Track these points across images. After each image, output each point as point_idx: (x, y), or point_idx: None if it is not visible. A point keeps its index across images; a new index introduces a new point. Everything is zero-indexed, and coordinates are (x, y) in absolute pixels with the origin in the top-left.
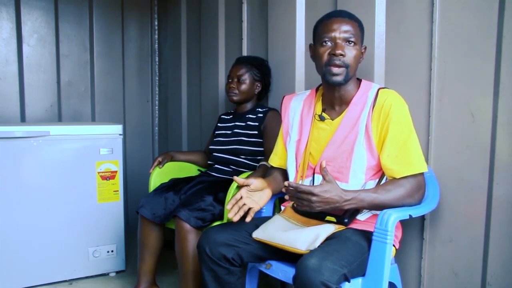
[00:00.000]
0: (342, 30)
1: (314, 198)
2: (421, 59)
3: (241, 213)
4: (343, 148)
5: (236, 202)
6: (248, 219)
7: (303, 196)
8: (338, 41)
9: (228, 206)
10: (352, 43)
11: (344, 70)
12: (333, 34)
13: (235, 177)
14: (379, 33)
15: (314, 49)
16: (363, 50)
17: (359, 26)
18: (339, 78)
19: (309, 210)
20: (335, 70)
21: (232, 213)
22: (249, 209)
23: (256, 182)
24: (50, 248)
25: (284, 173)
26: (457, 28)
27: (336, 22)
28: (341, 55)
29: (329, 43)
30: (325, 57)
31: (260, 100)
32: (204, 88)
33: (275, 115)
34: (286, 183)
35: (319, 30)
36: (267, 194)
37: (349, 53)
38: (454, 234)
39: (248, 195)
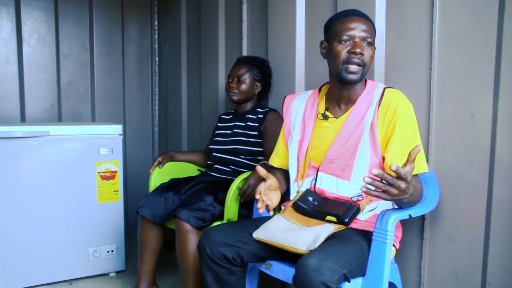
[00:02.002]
0: (361, 29)
1: (403, 186)
2: (421, 59)
3: (264, 207)
4: (347, 146)
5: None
6: (271, 213)
7: (395, 183)
8: (357, 40)
9: (256, 196)
10: (369, 44)
11: (361, 69)
12: (352, 33)
13: (258, 166)
14: (379, 33)
15: (327, 46)
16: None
17: (373, 27)
18: (355, 77)
19: (386, 198)
20: (353, 68)
21: (260, 204)
22: (267, 205)
23: (273, 181)
24: (50, 248)
25: (285, 174)
26: (457, 28)
27: (355, 21)
28: (361, 54)
29: (348, 41)
30: (344, 54)
31: (260, 100)
32: (204, 88)
33: (275, 116)
34: (393, 166)
35: (337, 27)
36: (278, 195)
37: (367, 53)
38: (454, 234)
39: (265, 192)
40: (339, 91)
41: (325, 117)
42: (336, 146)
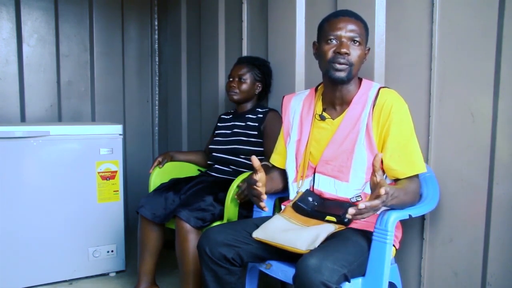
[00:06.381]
0: (348, 29)
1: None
2: (421, 59)
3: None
4: (343, 147)
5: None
6: (265, 209)
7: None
8: (344, 40)
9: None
10: (357, 43)
11: (348, 67)
12: (339, 33)
13: (253, 157)
14: (379, 33)
15: (318, 47)
16: (366, 51)
17: (365, 27)
18: (342, 74)
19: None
20: (339, 66)
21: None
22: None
23: (262, 176)
24: (50, 248)
25: (283, 173)
26: (457, 28)
27: (343, 21)
28: (346, 53)
29: (334, 41)
30: (330, 54)
31: (260, 100)
32: (204, 88)
33: (275, 116)
34: (361, 205)
35: (325, 28)
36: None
37: (354, 52)
38: (454, 234)
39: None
40: (332, 91)
41: (322, 118)
42: (333, 147)
